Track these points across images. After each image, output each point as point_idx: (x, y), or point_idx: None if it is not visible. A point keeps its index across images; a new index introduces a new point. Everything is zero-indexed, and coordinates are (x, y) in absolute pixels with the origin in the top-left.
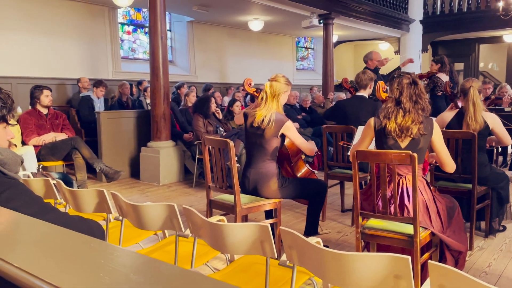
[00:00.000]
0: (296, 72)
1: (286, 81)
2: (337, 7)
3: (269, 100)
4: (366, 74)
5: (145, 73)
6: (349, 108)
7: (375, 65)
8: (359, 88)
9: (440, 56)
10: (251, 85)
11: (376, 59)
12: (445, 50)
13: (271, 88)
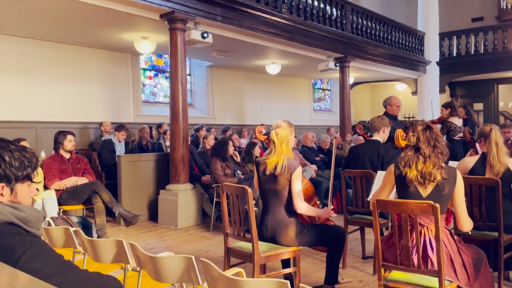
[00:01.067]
0: (313, 113)
1: (288, 124)
2: (353, 51)
3: (279, 146)
4: (381, 117)
5: (165, 116)
6: (363, 153)
7: (395, 110)
8: (373, 131)
9: (449, 101)
10: (262, 132)
11: (395, 104)
12: (463, 91)
13: (277, 136)
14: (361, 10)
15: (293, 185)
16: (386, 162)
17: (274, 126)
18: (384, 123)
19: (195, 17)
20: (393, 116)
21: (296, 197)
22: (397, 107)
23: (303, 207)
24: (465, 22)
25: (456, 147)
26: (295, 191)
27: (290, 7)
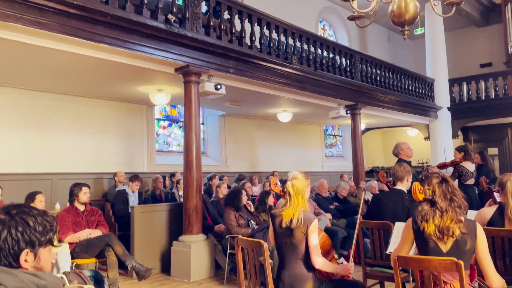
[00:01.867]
0: (325, 159)
1: (305, 176)
2: (363, 98)
3: (294, 198)
4: (402, 166)
5: (178, 165)
6: (386, 203)
7: (408, 153)
8: (396, 180)
9: (463, 144)
10: (277, 185)
11: (406, 147)
12: (476, 135)
13: (293, 187)
14: (369, 59)
15: (309, 239)
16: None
17: (290, 178)
18: (407, 171)
19: (208, 70)
20: (408, 161)
21: (313, 251)
22: (409, 149)
23: (321, 262)
24: (473, 67)
25: (469, 192)
26: (312, 245)
27: (300, 58)
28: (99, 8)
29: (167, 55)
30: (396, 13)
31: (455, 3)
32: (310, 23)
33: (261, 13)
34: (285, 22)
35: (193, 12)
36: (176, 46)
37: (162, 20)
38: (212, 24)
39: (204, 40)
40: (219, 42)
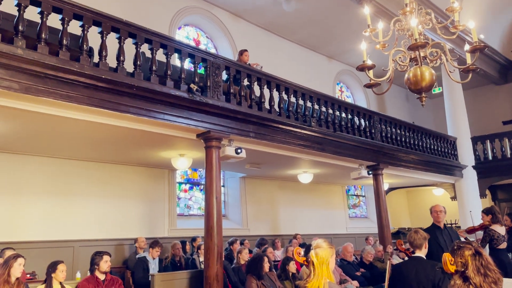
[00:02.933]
0: (349, 220)
1: (329, 245)
2: (385, 158)
3: (318, 268)
4: (419, 233)
5: (199, 229)
6: (406, 272)
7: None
8: (414, 248)
9: (490, 206)
10: (300, 254)
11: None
12: (505, 195)
13: (317, 257)
14: (388, 119)
15: None
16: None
17: (314, 246)
18: (425, 238)
19: (229, 135)
20: (435, 224)
21: None
22: (436, 212)
23: None
24: (496, 125)
25: (502, 258)
26: None
27: (319, 120)
28: (126, 81)
29: (189, 122)
30: (413, 80)
31: (471, 70)
32: (327, 85)
33: (279, 79)
34: (303, 86)
35: (214, 81)
36: (198, 113)
37: (185, 89)
38: (232, 91)
39: (225, 106)
40: (239, 108)
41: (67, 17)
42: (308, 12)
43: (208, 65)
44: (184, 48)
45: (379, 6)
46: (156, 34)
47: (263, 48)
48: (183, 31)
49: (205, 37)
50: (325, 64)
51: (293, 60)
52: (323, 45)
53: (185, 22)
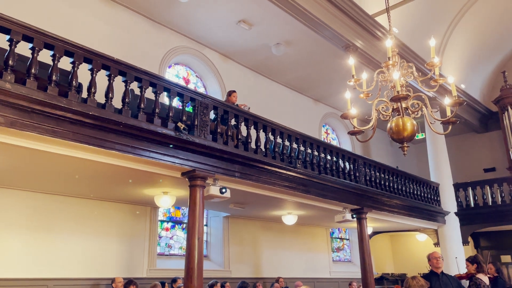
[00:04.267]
0: (332, 264)
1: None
2: (369, 202)
3: None
4: (415, 280)
5: (179, 270)
6: None
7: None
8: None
9: (475, 255)
10: None
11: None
12: (487, 242)
13: None
14: (373, 163)
15: None
16: None
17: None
18: (421, 285)
19: (214, 174)
20: (433, 271)
21: None
22: (435, 259)
23: None
24: (477, 172)
25: None
26: None
27: (305, 162)
28: (113, 118)
29: (174, 160)
30: (395, 130)
31: (451, 122)
32: (314, 127)
33: (266, 120)
34: (289, 128)
35: (202, 120)
36: (184, 151)
37: (172, 127)
38: (219, 130)
39: (211, 146)
40: (225, 147)
41: (58, 54)
42: (296, 56)
43: (196, 104)
44: (173, 87)
45: (365, 55)
46: (146, 73)
47: (251, 88)
48: (173, 70)
49: (194, 76)
50: (312, 107)
51: (281, 101)
52: (310, 88)
53: (175, 61)
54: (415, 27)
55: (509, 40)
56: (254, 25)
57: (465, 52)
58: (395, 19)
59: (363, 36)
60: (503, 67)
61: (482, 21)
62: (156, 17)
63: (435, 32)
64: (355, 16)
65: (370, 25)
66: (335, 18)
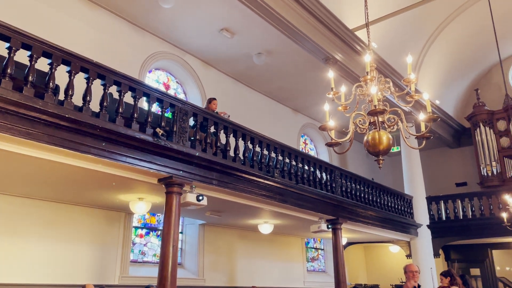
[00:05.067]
0: (307, 274)
1: None
2: (344, 213)
3: None
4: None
5: (153, 277)
6: None
7: (409, 276)
8: None
9: (448, 269)
10: None
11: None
12: (458, 255)
13: None
14: (349, 175)
15: None
16: None
17: None
18: None
19: (192, 181)
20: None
21: None
22: (411, 272)
23: None
24: (450, 186)
25: None
26: None
27: (282, 171)
28: (90, 121)
29: (151, 166)
30: (371, 143)
31: (425, 137)
32: (292, 137)
33: (246, 129)
34: (268, 137)
35: (181, 126)
36: (161, 157)
37: (150, 133)
38: (198, 137)
39: (189, 152)
40: (204, 155)
41: (36, 54)
42: (278, 66)
43: (176, 110)
44: (153, 93)
45: (344, 68)
46: (125, 77)
47: (231, 97)
48: (154, 75)
49: (175, 82)
50: (291, 117)
51: (260, 110)
52: (290, 98)
53: (156, 66)
54: (394, 43)
55: (482, 59)
56: (236, 33)
57: (440, 69)
58: (375, 34)
59: (343, 49)
60: (476, 84)
61: (457, 40)
62: (138, 22)
63: (413, 48)
64: (336, 29)
65: (350, 39)
66: (316, 30)
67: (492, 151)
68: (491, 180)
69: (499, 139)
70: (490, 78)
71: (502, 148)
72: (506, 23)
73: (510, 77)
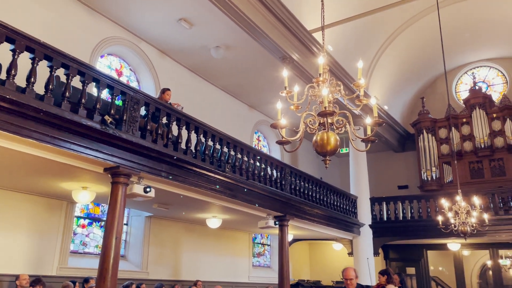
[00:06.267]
0: (252, 269)
1: None
2: (292, 210)
3: None
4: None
5: (93, 269)
6: None
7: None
8: None
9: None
10: None
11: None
12: (396, 254)
13: None
14: (298, 173)
15: None
16: None
17: None
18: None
19: (139, 172)
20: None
21: None
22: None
23: None
24: (392, 188)
25: None
26: None
27: (234, 166)
28: (33, 104)
29: (98, 154)
30: (319, 144)
31: (370, 140)
32: (246, 133)
33: (199, 122)
34: (221, 132)
35: (131, 115)
36: (109, 146)
37: (98, 120)
38: (149, 127)
39: (139, 143)
40: (154, 145)
41: None
42: (235, 61)
43: (127, 98)
44: (103, 79)
45: (300, 68)
46: (75, 60)
47: (187, 88)
48: (106, 60)
49: (128, 69)
50: (246, 113)
51: (215, 104)
52: (245, 94)
53: (109, 52)
54: (349, 47)
55: (428, 69)
56: (195, 25)
57: (391, 76)
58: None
59: (300, 49)
60: (422, 93)
61: (407, 50)
62: (93, 4)
63: (366, 54)
64: (294, 29)
65: (307, 40)
66: (275, 29)
67: (433, 157)
68: (430, 185)
69: (439, 146)
70: (435, 88)
71: (442, 155)
72: (454, 37)
73: (453, 88)
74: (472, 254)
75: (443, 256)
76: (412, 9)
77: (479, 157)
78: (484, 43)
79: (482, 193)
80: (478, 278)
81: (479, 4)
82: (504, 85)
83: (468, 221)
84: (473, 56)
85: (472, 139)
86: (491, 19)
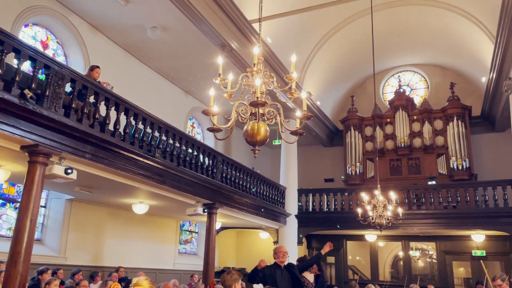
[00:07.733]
0: (178, 256)
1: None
2: (221, 198)
3: None
4: (230, 274)
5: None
6: None
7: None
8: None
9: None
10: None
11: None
12: (318, 244)
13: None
14: (231, 162)
15: None
16: None
17: (133, 284)
18: (234, 279)
19: (61, 152)
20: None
21: None
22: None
23: None
24: (319, 181)
25: None
26: None
27: (164, 152)
28: None
29: (14, 130)
30: (250, 133)
31: (298, 133)
32: (180, 119)
33: (130, 103)
34: (153, 115)
35: (55, 91)
36: (28, 122)
37: (17, 94)
38: (74, 106)
39: (62, 121)
40: (78, 125)
41: None
42: (172, 44)
43: (51, 73)
44: (25, 50)
45: (237, 57)
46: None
47: (119, 68)
48: (31, 30)
49: (55, 42)
50: (181, 98)
51: (149, 87)
52: (182, 79)
53: (34, 21)
54: (287, 42)
55: (359, 69)
56: (131, 2)
57: (325, 73)
58: (271, 30)
59: (239, 38)
60: (352, 92)
61: (341, 49)
62: None
63: (303, 49)
64: (234, 18)
65: (246, 29)
66: (215, 15)
67: (358, 153)
68: (353, 179)
69: (365, 143)
70: (365, 88)
71: (366, 151)
72: (384, 40)
73: (381, 89)
74: (386, 245)
75: (360, 246)
76: (348, 11)
77: (399, 156)
78: (411, 49)
79: (398, 189)
80: (390, 267)
81: (408, 11)
82: (426, 89)
83: (384, 214)
84: (400, 60)
85: (394, 138)
86: (417, 26)
